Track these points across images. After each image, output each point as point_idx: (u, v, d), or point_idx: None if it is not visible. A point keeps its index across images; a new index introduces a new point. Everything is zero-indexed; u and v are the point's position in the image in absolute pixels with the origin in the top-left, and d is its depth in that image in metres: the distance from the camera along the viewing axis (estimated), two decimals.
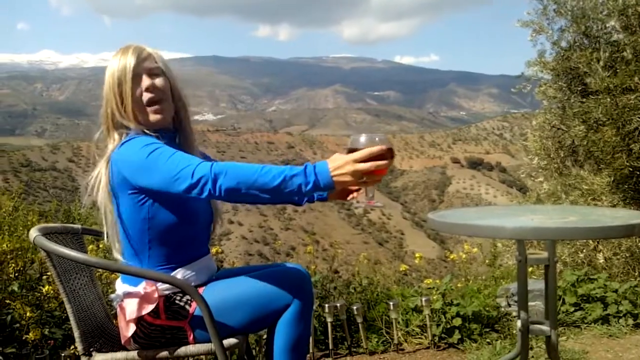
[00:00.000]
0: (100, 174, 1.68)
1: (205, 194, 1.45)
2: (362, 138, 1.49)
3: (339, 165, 1.43)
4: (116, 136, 1.69)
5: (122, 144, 1.64)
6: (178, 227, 1.68)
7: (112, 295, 1.73)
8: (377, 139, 1.48)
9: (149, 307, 1.62)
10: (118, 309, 1.67)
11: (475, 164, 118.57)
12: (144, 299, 1.62)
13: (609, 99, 4.33)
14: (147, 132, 1.68)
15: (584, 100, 4.68)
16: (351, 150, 1.47)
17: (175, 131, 1.80)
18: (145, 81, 1.69)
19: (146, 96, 1.69)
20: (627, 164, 4.25)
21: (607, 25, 4.66)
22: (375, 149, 1.45)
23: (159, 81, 1.71)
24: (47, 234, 1.73)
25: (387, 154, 1.47)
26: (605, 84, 4.34)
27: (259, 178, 1.43)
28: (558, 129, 5.10)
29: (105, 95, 1.70)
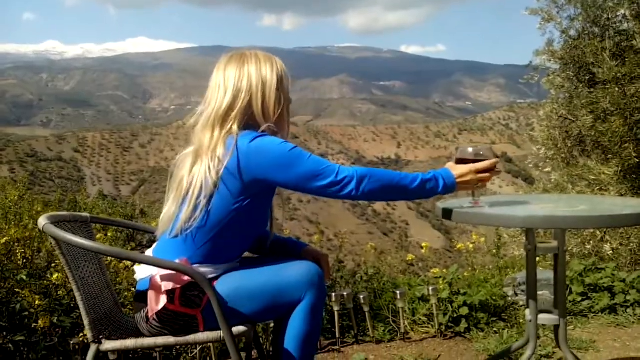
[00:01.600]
0: (205, 163, 1.67)
1: (345, 192, 1.63)
2: (470, 149, 1.78)
3: (463, 173, 1.73)
4: (235, 130, 1.69)
5: (255, 137, 1.66)
6: (248, 231, 1.75)
7: (138, 268, 1.73)
8: (481, 152, 1.77)
9: (178, 285, 1.64)
10: (150, 283, 1.67)
11: None
12: (176, 276, 1.64)
13: (617, 89, 4.30)
14: (274, 130, 1.73)
15: (592, 89, 4.64)
16: (460, 160, 1.77)
17: None
18: (290, 94, 1.81)
19: (288, 109, 1.81)
20: (635, 153, 4.23)
21: (617, 13, 4.62)
22: (493, 161, 1.75)
23: None
24: (56, 222, 1.73)
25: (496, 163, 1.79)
26: (614, 74, 4.30)
27: (399, 182, 1.67)
28: (565, 118, 5.06)
29: (250, 90, 1.72)
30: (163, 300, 1.63)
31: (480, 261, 4.18)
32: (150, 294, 1.66)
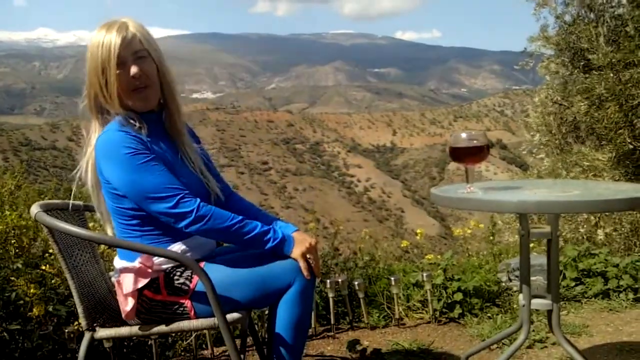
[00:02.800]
0: (88, 156, 1.69)
1: (180, 225, 1.58)
2: (464, 134, 1.78)
3: (303, 238, 1.71)
4: (99, 118, 1.69)
5: (105, 132, 1.63)
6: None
7: (111, 273, 1.74)
8: (474, 134, 1.77)
9: (144, 281, 1.63)
10: (116, 284, 1.69)
11: None
12: (138, 273, 1.64)
13: (611, 74, 4.29)
14: (131, 116, 1.66)
15: (587, 75, 4.64)
16: (454, 147, 1.78)
17: (160, 111, 1.77)
18: (132, 68, 1.64)
19: (132, 83, 1.65)
20: (629, 140, 4.24)
21: None
22: (316, 263, 1.72)
23: (144, 66, 1.66)
24: (49, 210, 1.73)
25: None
26: (609, 59, 4.30)
27: (234, 231, 1.61)
28: (560, 105, 5.06)
29: (89, 76, 1.66)
30: (130, 302, 1.63)
31: (475, 247, 4.20)
32: (119, 295, 1.68)
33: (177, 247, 1.69)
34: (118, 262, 1.72)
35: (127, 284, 1.63)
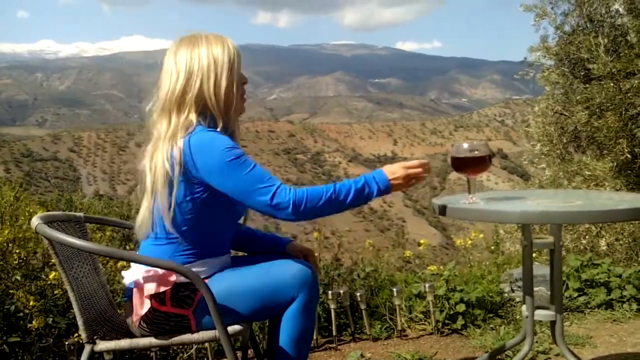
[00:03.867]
0: (164, 151, 1.63)
1: (281, 215, 1.59)
2: (465, 145, 1.79)
3: (394, 170, 1.70)
4: (192, 119, 1.66)
5: (198, 132, 1.62)
6: (219, 222, 1.71)
7: (125, 273, 1.71)
8: (475, 144, 1.78)
9: (165, 288, 1.63)
10: (134, 287, 1.66)
11: None
12: (161, 279, 1.63)
13: (612, 84, 4.30)
14: (217, 125, 1.68)
15: (587, 85, 4.64)
16: (455, 158, 1.79)
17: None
18: (244, 74, 1.77)
19: (242, 89, 1.76)
20: (629, 149, 4.23)
21: (612, 8, 4.62)
22: (423, 161, 1.73)
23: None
24: (50, 222, 1.72)
25: (427, 167, 1.75)
26: (608, 69, 4.30)
27: (335, 199, 1.63)
28: (561, 114, 5.06)
29: (202, 72, 1.68)
30: (147, 304, 1.62)
31: (477, 258, 4.18)
32: (135, 299, 1.65)
33: (196, 267, 1.69)
34: (142, 267, 1.70)
35: (149, 287, 1.62)
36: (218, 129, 1.67)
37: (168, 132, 1.64)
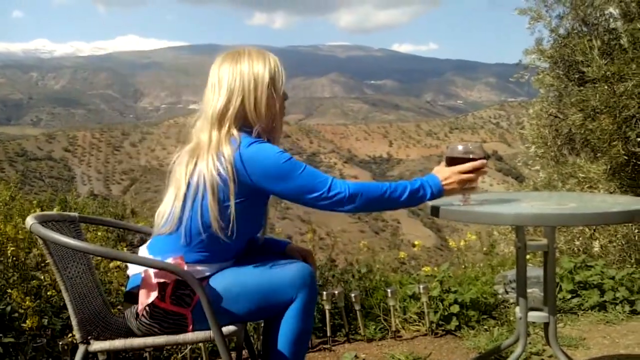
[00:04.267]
0: (209, 162, 1.65)
1: (338, 208, 1.65)
2: (460, 147, 1.78)
3: (447, 176, 1.74)
4: (234, 133, 1.68)
5: (252, 143, 1.65)
6: (243, 232, 1.72)
7: (131, 268, 1.72)
8: (471, 149, 1.77)
9: (168, 280, 1.64)
10: (143, 274, 1.66)
11: None
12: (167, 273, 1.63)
13: (606, 87, 4.32)
14: (262, 137, 1.72)
15: (581, 88, 4.66)
16: (450, 158, 1.77)
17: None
18: (286, 92, 1.79)
19: (284, 105, 1.79)
20: (623, 151, 4.25)
21: (606, 12, 4.64)
22: (477, 163, 1.74)
23: None
24: (44, 221, 1.72)
25: (483, 164, 1.76)
26: (603, 72, 4.32)
27: (390, 196, 1.68)
28: (555, 117, 5.09)
29: (243, 89, 1.71)
30: (154, 295, 1.63)
31: (472, 259, 4.19)
32: (142, 288, 1.66)
33: (199, 268, 1.69)
34: (151, 257, 1.71)
35: (159, 275, 1.64)
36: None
37: (212, 144, 1.68)
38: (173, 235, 1.70)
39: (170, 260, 1.64)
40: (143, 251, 1.76)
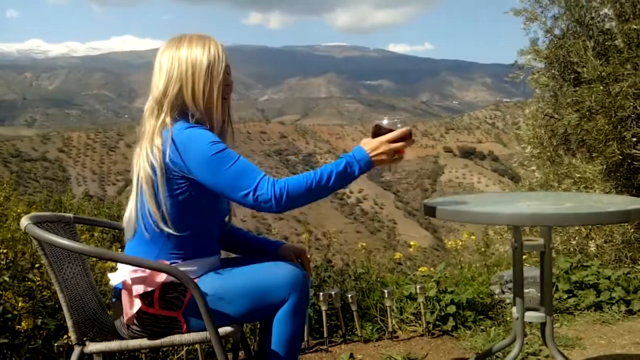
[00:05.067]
0: (144, 153, 1.64)
1: (264, 207, 1.58)
2: (385, 121, 1.70)
3: (374, 146, 1.66)
4: (167, 121, 1.66)
5: (186, 129, 1.62)
6: (203, 220, 1.70)
7: (112, 275, 1.70)
8: (397, 121, 1.69)
9: (151, 288, 1.62)
10: (123, 288, 1.64)
11: (468, 153, 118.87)
12: (148, 279, 1.62)
13: (601, 87, 4.33)
14: (201, 123, 1.68)
15: (577, 88, 4.67)
16: (377, 130, 1.69)
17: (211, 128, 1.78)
18: (227, 77, 1.74)
19: (225, 91, 1.73)
20: (619, 151, 4.27)
21: (601, 12, 4.65)
22: (404, 129, 1.67)
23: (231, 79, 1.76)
24: (39, 222, 1.71)
25: (410, 134, 1.69)
26: (598, 72, 4.34)
27: (317, 185, 1.61)
28: (551, 117, 5.10)
29: (180, 76, 1.67)
30: (137, 304, 1.61)
31: (468, 259, 4.20)
32: (124, 299, 1.64)
33: (184, 266, 1.67)
34: (129, 267, 1.67)
35: (137, 287, 1.62)
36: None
37: (147, 134, 1.66)
38: (141, 239, 1.68)
39: None
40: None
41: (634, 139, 4.18)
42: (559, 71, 4.95)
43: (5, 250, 2.66)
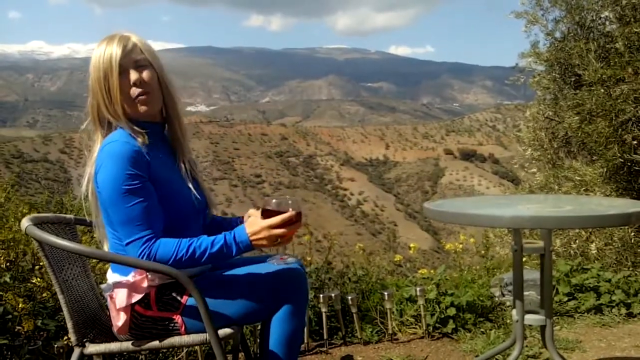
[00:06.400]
0: (91, 166, 1.66)
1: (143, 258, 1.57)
2: (274, 201, 1.63)
3: (255, 231, 1.59)
4: (102, 131, 1.67)
5: (112, 141, 1.60)
6: (171, 217, 1.65)
7: (103, 286, 1.70)
8: (289, 201, 1.63)
9: (138, 296, 1.62)
10: (108, 299, 1.66)
11: (468, 156, 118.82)
12: (132, 287, 1.61)
13: (602, 90, 4.33)
14: (133, 127, 1.65)
15: (578, 91, 4.67)
16: (264, 211, 1.62)
17: (163, 122, 1.78)
18: (133, 75, 1.64)
19: (134, 91, 1.65)
20: (619, 154, 4.26)
21: (601, 15, 4.66)
22: (286, 215, 1.59)
23: (146, 74, 1.67)
24: (39, 223, 1.71)
25: (297, 218, 1.62)
26: (599, 75, 4.34)
27: (186, 260, 1.56)
28: (551, 120, 5.10)
29: (92, 87, 1.65)
30: (123, 317, 1.61)
31: (468, 262, 4.19)
32: (112, 311, 1.65)
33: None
34: (111, 276, 1.69)
35: (120, 299, 1.61)
36: (137, 138, 1.63)
37: (94, 145, 1.70)
38: (120, 250, 1.66)
39: (133, 274, 1.63)
40: (109, 273, 1.73)
41: (635, 142, 4.18)
42: (559, 74, 4.95)
43: (5, 252, 2.67)
